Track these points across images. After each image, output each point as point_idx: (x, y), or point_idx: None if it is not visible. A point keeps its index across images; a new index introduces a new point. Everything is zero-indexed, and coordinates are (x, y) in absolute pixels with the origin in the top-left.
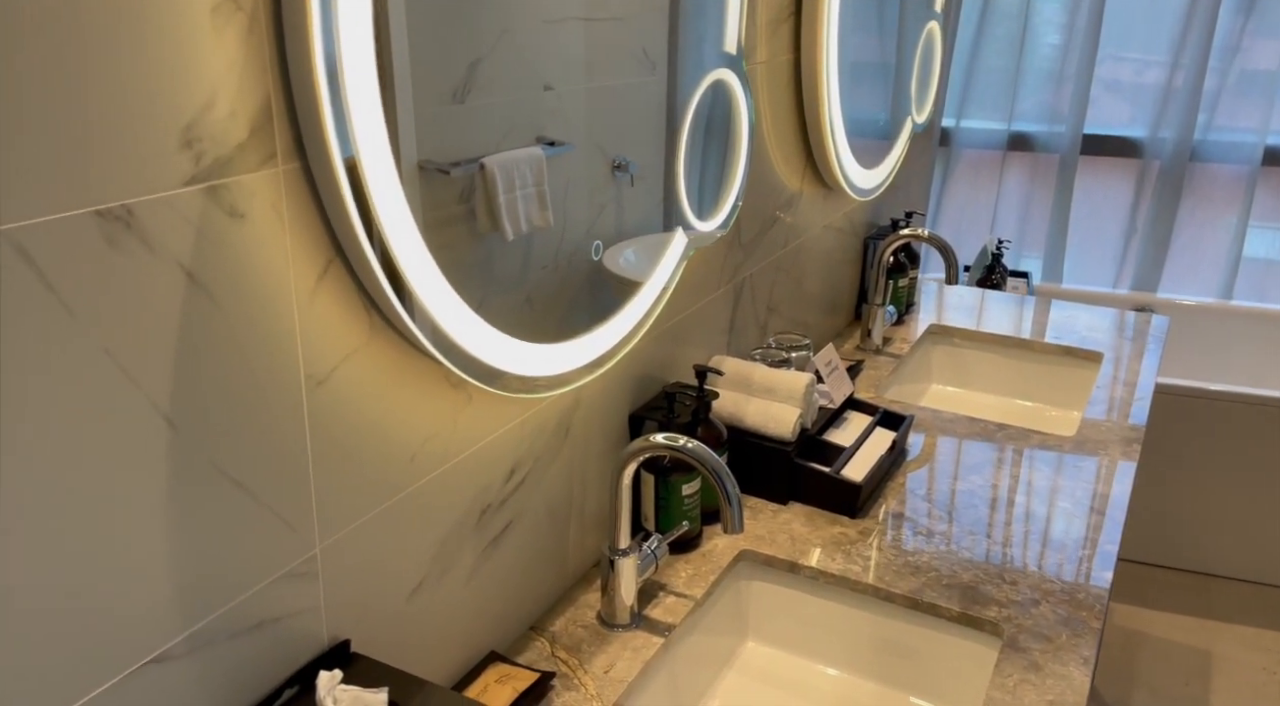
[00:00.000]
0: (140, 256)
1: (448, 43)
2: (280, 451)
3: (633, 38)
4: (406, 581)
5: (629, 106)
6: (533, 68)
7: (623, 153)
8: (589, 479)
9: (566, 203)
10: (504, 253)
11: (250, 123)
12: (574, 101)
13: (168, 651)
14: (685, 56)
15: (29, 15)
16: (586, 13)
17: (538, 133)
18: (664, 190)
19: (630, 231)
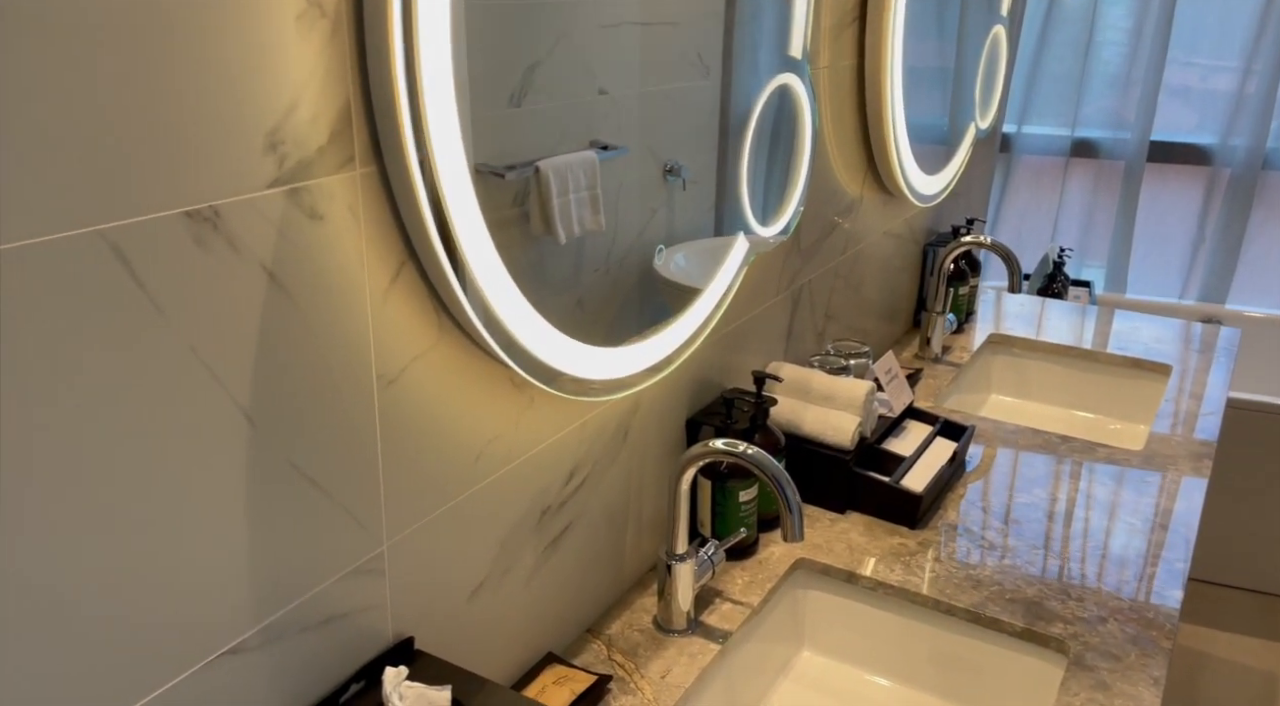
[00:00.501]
0: (225, 256)
1: (506, 47)
2: (352, 449)
3: (687, 42)
4: (468, 581)
5: (682, 111)
6: (588, 72)
7: (675, 157)
8: (646, 483)
9: (618, 206)
10: (556, 255)
11: (330, 126)
12: (628, 106)
13: (243, 642)
14: (741, 61)
15: (126, 24)
16: (642, 17)
17: (592, 136)
18: (716, 195)
19: (681, 236)
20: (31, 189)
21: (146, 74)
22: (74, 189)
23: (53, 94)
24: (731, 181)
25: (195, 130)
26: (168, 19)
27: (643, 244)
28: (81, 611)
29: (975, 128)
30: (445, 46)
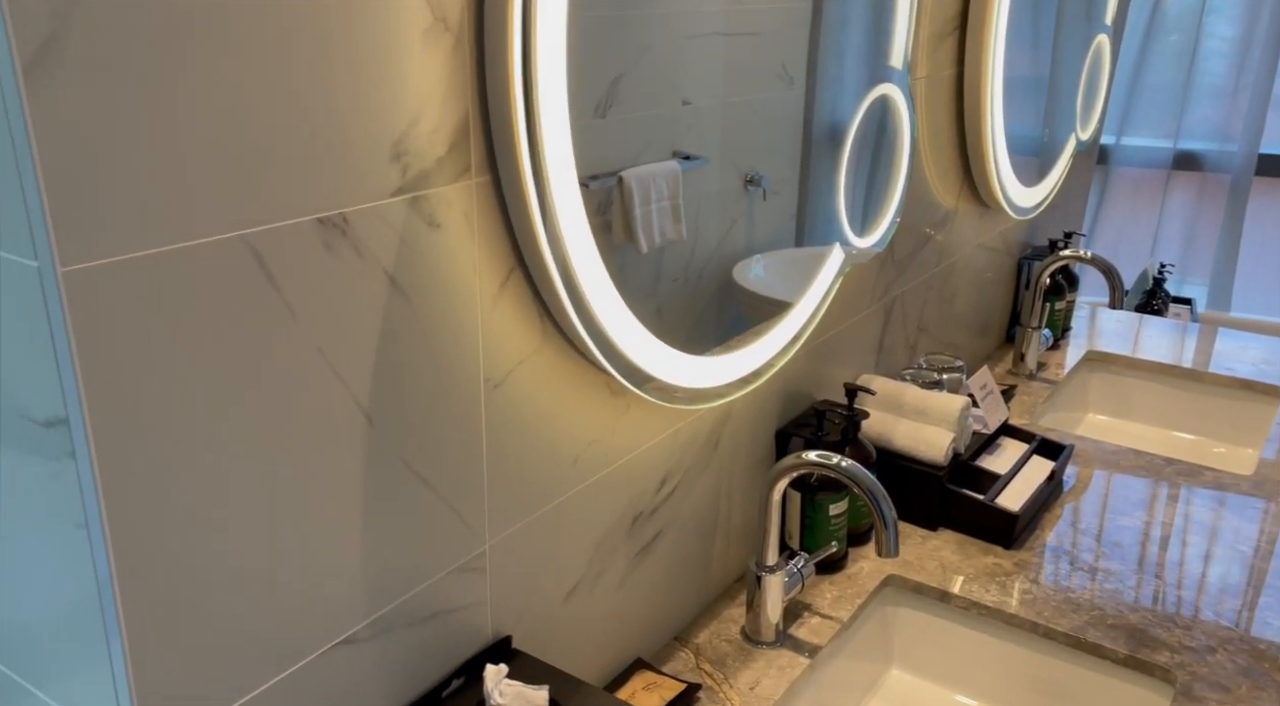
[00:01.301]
0: (352, 261)
1: (593, 59)
2: (459, 450)
3: (772, 53)
4: (564, 583)
5: (764, 121)
6: (672, 83)
7: (756, 167)
8: (735, 492)
9: (698, 216)
10: (636, 264)
11: (450, 138)
12: (710, 116)
13: (355, 634)
14: (826, 71)
15: (269, 44)
16: (727, 28)
17: (674, 147)
18: (797, 205)
19: (760, 246)
20: (185, 196)
21: (287, 89)
22: (221, 196)
23: (206, 109)
24: (814, 192)
25: (329, 141)
26: (307, 37)
27: (721, 254)
28: (221, 595)
29: (1075, 139)
30: (560, 60)
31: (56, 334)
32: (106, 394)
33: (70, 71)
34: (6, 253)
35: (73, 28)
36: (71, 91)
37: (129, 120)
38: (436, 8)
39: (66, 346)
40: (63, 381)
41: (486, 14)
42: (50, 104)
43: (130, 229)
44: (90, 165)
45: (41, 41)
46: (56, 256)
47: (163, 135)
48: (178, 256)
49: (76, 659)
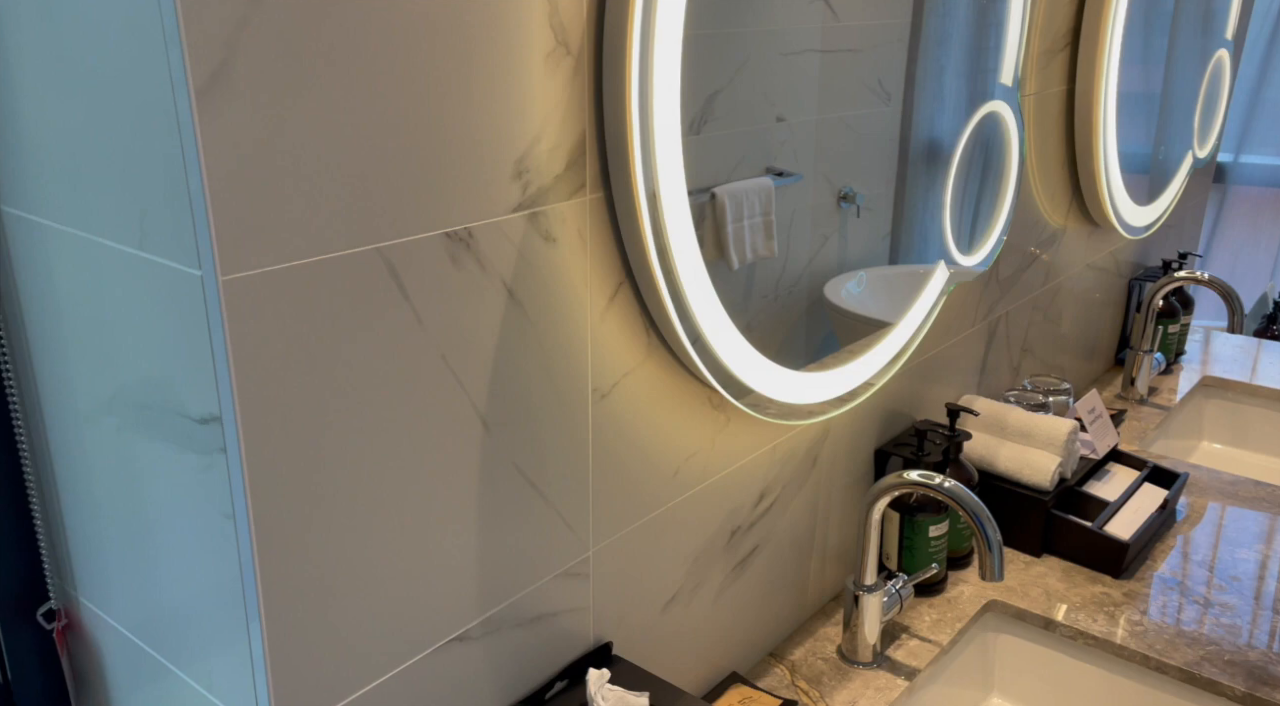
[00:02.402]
0: (475, 273)
1: (690, 76)
2: (567, 457)
3: (868, 69)
4: (662, 593)
5: (859, 137)
6: (767, 99)
7: (850, 183)
8: (833, 510)
9: (790, 233)
10: (727, 281)
11: (567, 156)
12: (804, 132)
13: (468, 632)
14: (924, 87)
15: (403, 68)
16: (823, 45)
17: (767, 163)
18: (891, 222)
19: (852, 264)
20: (329, 211)
21: (423, 111)
22: (361, 211)
23: (350, 131)
24: (910, 209)
25: (458, 160)
26: (443, 63)
27: (813, 271)
28: (351, 586)
29: (1193, 156)
30: (675, 80)
31: (215, 337)
32: (256, 394)
33: (236, 96)
34: (172, 262)
35: (239, 57)
36: (236, 114)
37: (283, 141)
38: (559, 32)
39: (223, 349)
40: (218, 382)
41: (606, 37)
42: (218, 126)
43: (281, 241)
44: (249, 182)
45: (213, 69)
46: (218, 266)
47: (312, 154)
48: (321, 267)
49: (217, 640)
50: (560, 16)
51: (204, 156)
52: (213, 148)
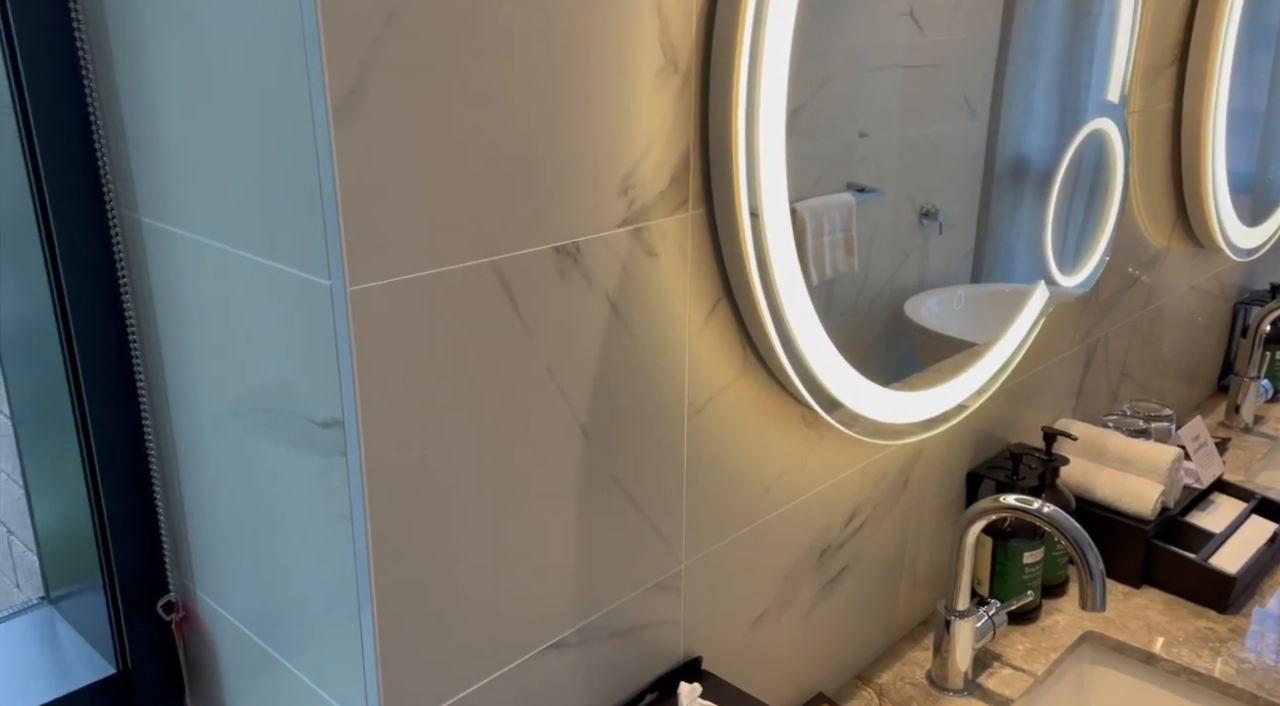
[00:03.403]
0: (580, 287)
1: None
2: (662, 470)
3: (953, 84)
4: (752, 609)
5: (943, 153)
6: (850, 115)
7: (932, 200)
8: (923, 532)
9: (871, 250)
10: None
11: (671, 172)
12: (887, 148)
13: (564, 639)
14: (1012, 103)
15: (524, 88)
16: (908, 60)
17: (849, 178)
18: (975, 240)
19: (934, 281)
20: (449, 224)
21: (538, 128)
22: (478, 225)
23: (470, 149)
24: (995, 227)
25: (569, 175)
26: (557, 82)
27: (893, 288)
28: (458, 589)
29: None
30: (781, 98)
31: (340, 345)
32: (376, 400)
33: (368, 114)
34: (302, 272)
35: (373, 77)
36: (368, 132)
37: (409, 158)
38: (669, 50)
39: (348, 356)
40: (341, 387)
41: (714, 56)
42: (351, 142)
43: (404, 254)
44: (377, 197)
45: (349, 88)
46: (347, 277)
47: (435, 171)
48: (439, 279)
49: (329, 636)
50: (670, 35)
51: (338, 171)
52: (346, 163)
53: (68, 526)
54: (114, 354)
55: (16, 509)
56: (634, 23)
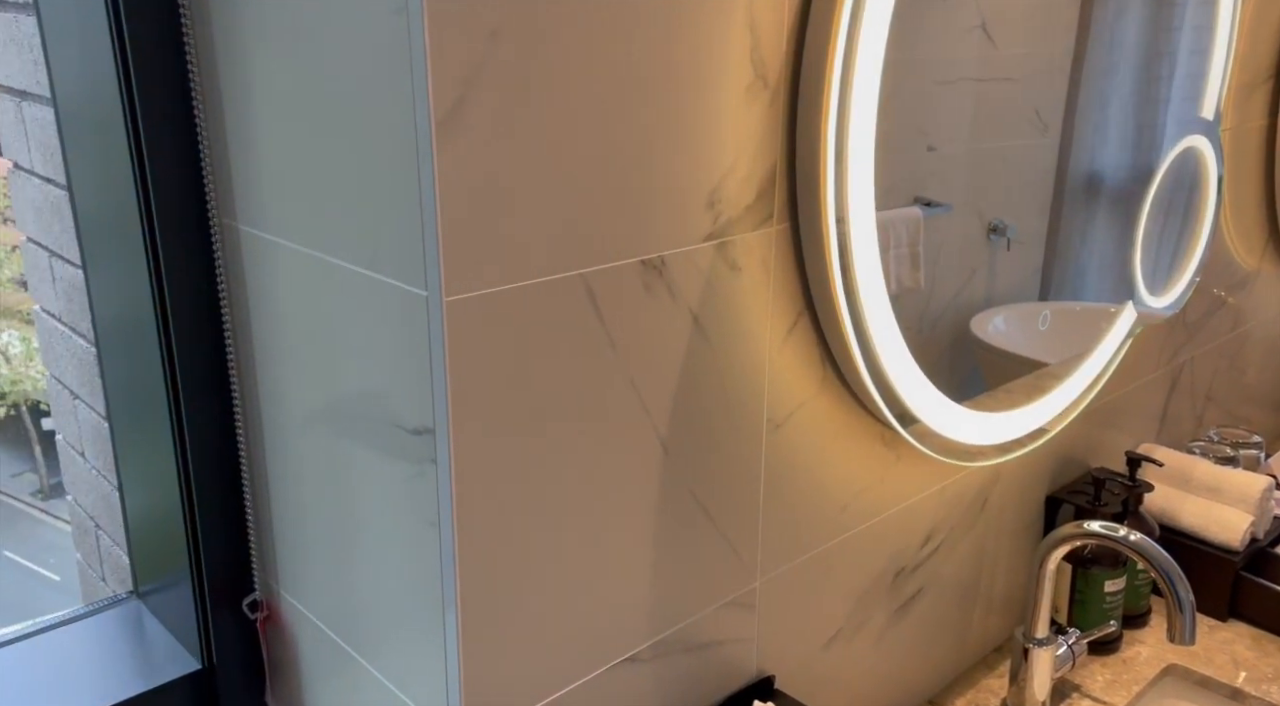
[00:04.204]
0: (665, 300)
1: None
2: (739, 486)
3: (1025, 98)
4: (825, 629)
5: (1013, 169)
6: (918, 128)
7: (1001, 216)
8: (1000, 557)
9: (937, 265)
10: None
11: (758, 187)
12: (955, 162)
13: (639, 653)
14: (1085, 118)
15: (617, 102)
16: (979, 74)
17: (916, 193)
18: (1044, 257)
19: (1000, 298)
20: (540, 237)
21: (630, 143)
22: (567, 238)
23: (564, 163)
24: (1065, 244)
25: (657, 189)
26: (650, 96)
27: (958, 305)
28: (538, 599)
29: None
30: (872, 112)
31: (434, 354)
32: (467, 409)
33: (469, 129)
34: (400, 282)
35: (475, 93)
36: (468, 146)
37: (506, 171)
38: (759, 66)
39: (442, 365)
40: (434, 395)
41: (804, 71)
42: (452, 156)
43: (498, 266)
44: (474, 210)
45: (452, 102)
46: (444, 288)
47: (529, 184)
48: (530, 291)
49: (412, 641)
50: (761, 51)
51: (439, 185)
52: (447, 176)
53: (158, 522)
54: (209, 355)
55: (105, 504)
56: (726, 40)
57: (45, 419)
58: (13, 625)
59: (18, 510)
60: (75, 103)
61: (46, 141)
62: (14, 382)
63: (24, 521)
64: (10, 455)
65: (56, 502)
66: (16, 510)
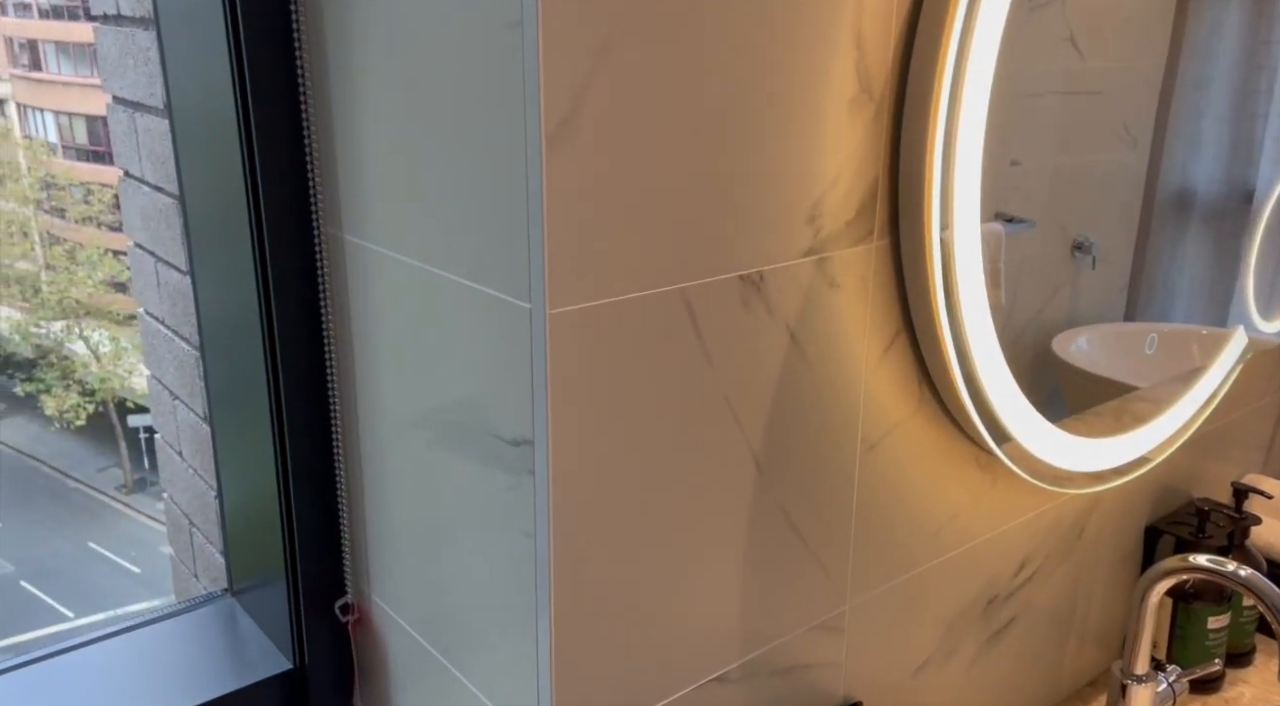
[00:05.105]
0: (762, 316)
1: None
2: (831, 506)
3: (1113, 112)
4: (915, 656)
5: (1099, 184)
6: (1001, 142)
7: (1086, 232)
8: (1096, 587)
9: (1018, 282)
10: None
11: (859, 202)
12: (1039, 177)
13: (727, 673)
14: (1177, 133)
15: (722, 119)
16: (1066, 87)
17: (998, 208)
18: (1130, 275)
19: (1083, 318)
20: (641, 251)
21: (732, 157)
22: (669, 253)
23: (667, 178)
24: (1154, 262)
25: (758, 204)
26: (752, 111)
27: (1039, 324)
28: (630, 614)
29: None
30: (980, 126)
31: (536, 366)
32: (566, 421)
33: (577, 143)
34: (503, 294)
35: (584, 106)
36: (576, 160)
37: (610, 185)
38: (864, 78)
39: (543, 377)
40: (534, 407)
41: (910, 83)
42: (560, 170)
43: (600, 279)
44: (579, 223)
45: (562, 117)
46: (547, 300)
47: (633, 198)
48: (630, 305)
49: (502, 650)
50: (867, 64)
51: (546, 198)
52: (555, 190)
53: (255, 522)
54: (310, 361)
55: (200, 502)
56: (832, 52)
57: (131, 416)
58: (96, 614)
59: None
60: (191, 114)
61: (157, 151)
62: (102, 381)
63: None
64: (97, 450)
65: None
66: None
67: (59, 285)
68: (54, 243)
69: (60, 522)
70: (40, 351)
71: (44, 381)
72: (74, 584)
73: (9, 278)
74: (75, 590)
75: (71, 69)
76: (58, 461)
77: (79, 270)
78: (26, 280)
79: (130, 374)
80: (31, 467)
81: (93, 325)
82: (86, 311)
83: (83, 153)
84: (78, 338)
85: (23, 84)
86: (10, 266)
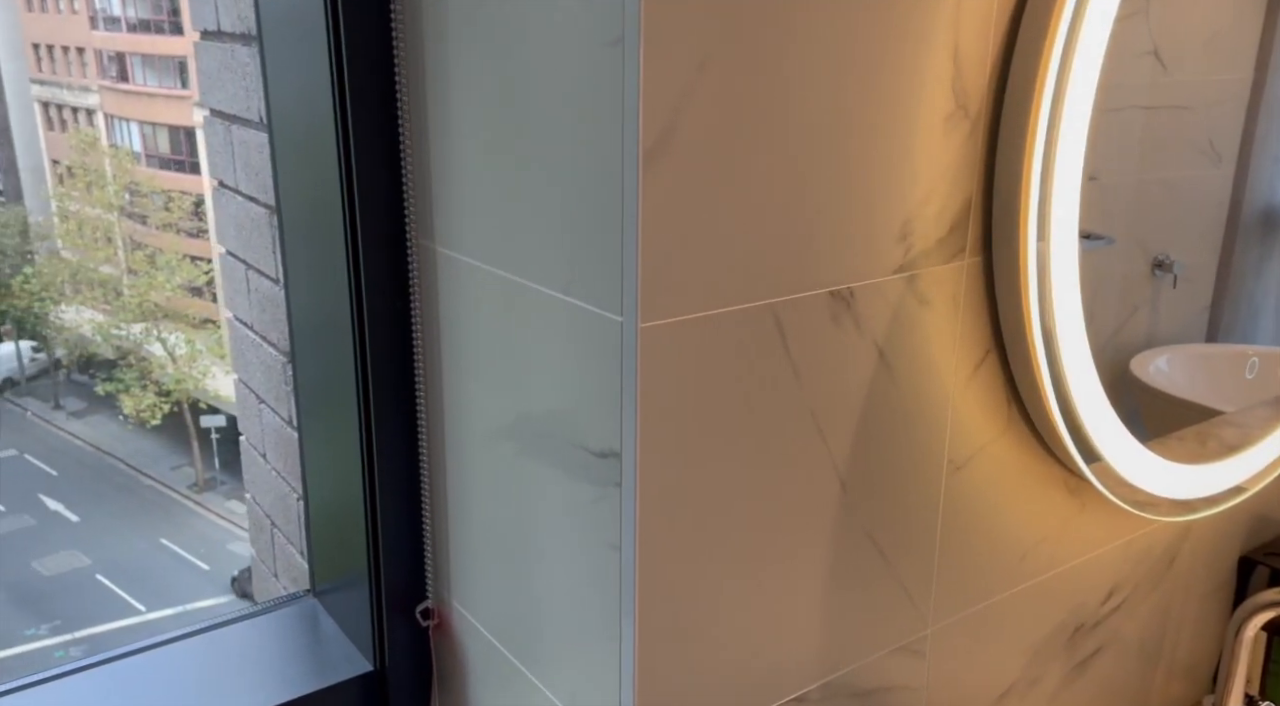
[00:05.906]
0: (851, 332)
1: None
2: (915, 528)
3: (1198, 128)
4: (998, 683)
5: (1182, 201)
6: (1082, 157)
7: (1167, 250)
8: (1186, 618)
9: (1095, 300)
10: None
11: (951, 219)
12: (1118, 193)
13: (807, 694)
14: (1265, 149)
15: (817, 134)
16: (1149, 101)
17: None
18: (1213, 295)
19: (1163, 338)
20: (732, 266)
21: (824, 174)
22: (759, 268)
23: (760, 193)
24: (1238, 282)
25: (849, 220)
26: (847, 127)
27: (1117, 343)
28: (712, 629)
29: None
30: (1080, 143)
31: (626, 379)
32: (655, 434)
33: (674, 159)
34: (595, 307)
35: (681, 122)
36: (672, 176)
37: (704, 201)
38: (960, 95)
39: (633, 390)
40: (623, 420)
41: (1007, 100)
42: (656, 185)
43: (691, 294)
44: (673, 238)
45: (660, 133)
46: (639, 314)
47: (726, 213)
48: (721, 319)
49: (584, 660)
50: (963, 81)
51: (642, 212)
52: (650, 205)
53: (339, 525)
54: (399, 368)
55: (282, 504)
56: (929, 68)
57: (204, 416)
58: (165, 609)
59: (175, 501)
60: (290, 126)
61: (251, 162)
62: (178, 381)
63: (180, 512)
64: (171, 449)
65: (209, 495)
66: (174, 501)
67: (139, 289)
68: (135, 248)
69: (134, 519)
70: (120, 352)
71: (123, 381)
72: (146, 578)
73: (93, 280)
74: (146, 585)
75: (156, 81)
76: (133, 459)
77: (158, 274)
78: (109, 284)
79: (204, 376)
80: (109, 464)
81: (169, 328)
82: (164, 314)
83: (165, 161)
84: (155, 340)
85: (110, 95)
86: (95, 270)
